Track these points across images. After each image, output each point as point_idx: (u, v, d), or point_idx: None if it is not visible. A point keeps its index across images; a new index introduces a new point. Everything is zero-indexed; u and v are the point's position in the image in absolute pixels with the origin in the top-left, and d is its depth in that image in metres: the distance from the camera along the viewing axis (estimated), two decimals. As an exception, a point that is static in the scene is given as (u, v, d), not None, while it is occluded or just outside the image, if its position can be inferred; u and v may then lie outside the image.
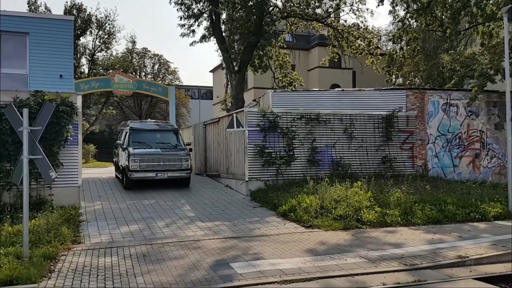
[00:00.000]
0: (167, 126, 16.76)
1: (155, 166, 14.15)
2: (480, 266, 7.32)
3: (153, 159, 14.17)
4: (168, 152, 14.61)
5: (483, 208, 11.31)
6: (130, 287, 6.07)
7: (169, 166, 14.28)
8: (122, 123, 19.07)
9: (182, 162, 14.49)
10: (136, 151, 14.13)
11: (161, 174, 14.15)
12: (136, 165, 13.91)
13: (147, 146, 14.66)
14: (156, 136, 15.53)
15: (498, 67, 15.89)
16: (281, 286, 6.18)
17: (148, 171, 14.06)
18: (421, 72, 24.72)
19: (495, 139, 17.30)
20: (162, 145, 15.05)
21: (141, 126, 15.90)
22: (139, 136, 15.06)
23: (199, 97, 68.10)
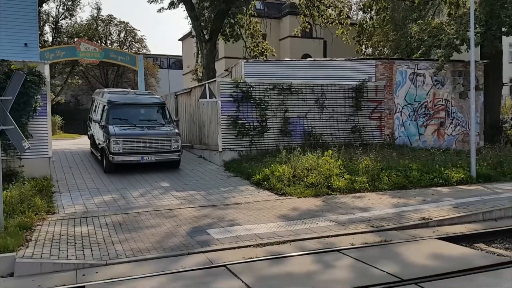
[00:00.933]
0: (152, 99, 14.26)
1: (141, 148, 12.26)
2: (442, 227, 7.80)
3: (138, 140, 12.25)
4: (155, 132, 12.71)
5: (446, 173, 11.87)
6: (109, 254, 6.19)
7: (157, 147, 12.44)
8: (97, 91, 16.62)
9: (172, 143, 12.62)
10: (118, 131, 12.20)
11: (148, 157, 12.30)
12: (118, 147, 11.98)
13: (130, 125, 12.73)
14: (140, 111, 13.43)
15: (464, 37, 16.33)
16: (257, 249, 6.44)
17: (133, 154, 12.18)
18: (390, 42, 25.08)
19: (459, 108, 17.95)
20: (148, 122, 13.12)
21: (122, 99, 13.55)
22: (120, 112, 13.02)
23: (168, 67, 66.76)
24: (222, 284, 5.04)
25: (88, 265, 5.77)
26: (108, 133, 12.17)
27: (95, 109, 14.91)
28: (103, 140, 12.58)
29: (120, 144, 11.99)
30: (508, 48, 28.48)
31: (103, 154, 12.79)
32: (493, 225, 7.97)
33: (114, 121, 12.67)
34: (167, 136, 12.68)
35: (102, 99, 13.95)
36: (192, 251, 6.36)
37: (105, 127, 12.58)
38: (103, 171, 12.55)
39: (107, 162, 12.40)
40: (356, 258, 5.92)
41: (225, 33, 24.57)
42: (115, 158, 12.05)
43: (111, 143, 11.95)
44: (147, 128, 12.79)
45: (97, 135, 13.79)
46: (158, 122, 13.28)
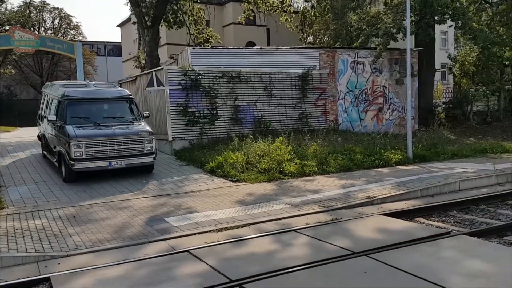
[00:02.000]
0: (117, 92, 12.00)
1: (108, 152, 10.21)
2: (385, 204, 8.44)
3: (104, 143, 10.17)
4: (124, 131, 10.67)
5: (386, 155, 12.69)
6: (68, 246, 6.16)
7: (127, 150, 10.44)
8: (47, 84, 14.21)
9: (145, 143, 10.63)
10: (79, 133, 10.08)
11: (116, 162, 10.26)
12: (80, 152, 9.88)
13: (93, 124, 10.64)
14: (103, 107, 11.32)
15: (400, 26, 17.31)
16: (217, 234, 6.68)
17: (98, 159, 10.14)
18: (330, 30, 25.91)
19: (395, 94, 19.05)
20: (114, 120, 11.06)
21: (81, 93, 11.34)
22: (80, 109, 10.90)
23: (105, 54, 64.39)
24: (188, 268, 5.23)
25: (49, 257, 5.73)
26: (67, 135, 10.00)
27: (46, 105, 12.59)
28: (61, 144, 10.47)
29: (82, 148, 9.88)
30: (439, 35, 30.35)
31: (60, 159, 10.62)
32: (430, 200, 8.74)
33: (73, 120, 10.51)
34: (139, 136, 10.65)
35: (56, 93, 11.67)
36: (153, 239, 6.47)
37: (62, 127, 10.41)
38: (62, 179, 10.47)
39: (66, 170, 10.22)
40: (311, 236, 6.32)
41: (168, 20, 24.21)
42: (77, 165, 9.91)
43: (71, 147, 9.80)
44: (114, 127, 10.68)
45: (50, 136, 11.68)
46: (126, 120, 11.22)
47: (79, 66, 27.21)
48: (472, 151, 14.19)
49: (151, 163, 11.13)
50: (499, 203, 8.50)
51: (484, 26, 20.16)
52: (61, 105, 10.94)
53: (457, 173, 10.81)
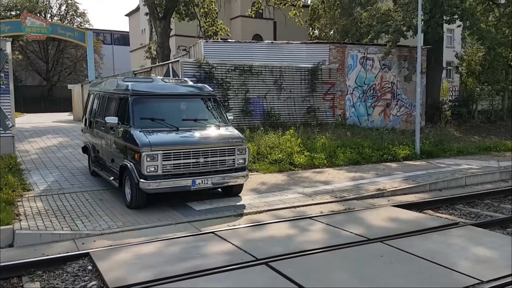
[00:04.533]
0: (196, 88, 9.10)
1: (191, 167, 7.58)
2: (395, 196, 8.84)
3: (187, 154, 7.52)
4: (212, 138, 7.98)
5: (394, 150, 13.07)
6: (100, 225, 6.57)
7: (215, 164, 7.82)
8: (97, 81, 11.58)
9: (236, 155, 8.02)
10: (154, 139, 7.43)
11: (202, 181, 7.62)
12: (155, 167, 7.27)
13: (169, 128, 7.88)
14: (180, 107, 8.64)
15: (410, 24, 17.59)
16: (237, 218, 7.09)
17: (179, 177, 7.50)
18: (337, 25, 26.16)
19: (403, 90, 19.38)
20: (195, 124, 8.28)
21: (152, 88, 8.55)
22: (151, 108, 8.16)
23: (112, 42, 64.59)
24: (215, 247, 5.64)
25: (85, 235, 6.14)
26: (135, 143, 7.39)
27: (98, 107, 9.78)
28: (124, 155, 7.89)
29: (158, 161, 7.26)
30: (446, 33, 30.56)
31: (123, 177, 7.85)
32: (438, 194, 9.13)
33: (142, 122, 7.80)
34: (230, 144, 7.97)
35: (115, 89, 8.92)
36: (179, 221, 6.88)
37: (127, 133, 7.75)
38: (126, 205, 7.70)
39: (133, 191, 7.44)
40: (326, 223, 6.72)
41: (179, 11, 24.50)
42: (151, 184, 7.23)
43: (142, 159, 7.17)
44: (197, 133, 7.95)
45: (106, 147, 8.93)
46: (210, 123, 8.48)
47: (90, 54, 27.56)
48: (476, 149, 14.56)
49: (241, 183, 8.34)
50: (502, 198, 8.89)
51: (491, 27, 20.43)
52: (124, 103, 8.16)
53: (463, 169, 11.19)
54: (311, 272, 4.82)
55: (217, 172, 7.85)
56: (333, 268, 5.01)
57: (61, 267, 5.17)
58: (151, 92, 8.40)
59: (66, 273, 5.02)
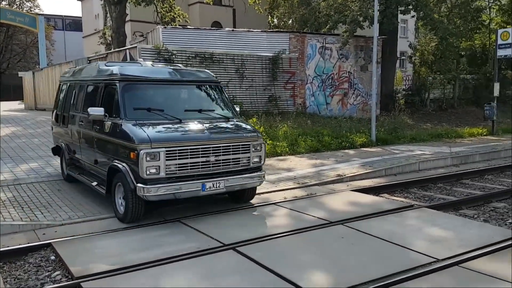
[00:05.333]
0: (198, 74, 7.67)
1: (200, 167, 6.23)
2: (354, 181, 9.15)
3: (196, 151, 6.16)
4: (224, 133, 6.74)
5: (352, 138, 13.46)
6: (60, 216, 6.42)
7: (228, 163, 6.49)
8: (70, 70, 9.30)
9: (251, 152, 6.72)
10: (154, 134, 6.06)
11: (213, 184, 6.29)
12: (156, 168, 5.89)
13: (171, 120, 6.52)
14: (180, 95, 7.34)
15: (366, 14, 18.02)
16: (203, 206, 7.14)
17: (186, 179, 6.13)
18: (295, 14, 26.35)
19: (360, 80, 19.90)
20: (200, 116, 6.89)
21: (145, 73, 7.14)
22: (146, 97, 6.83)
23: (63, 28, 62.15)
24: (182, 234, 5.68)
25: (45, 226, 5.99)
26: (130, 139, 5.99)
27: (74, 99, 8.17)
28: (114, 155, 6.41)
29: (160, 160, 5.86)
30: (400, 24, 31.51)
31: (114, 183, 6.39)
32: (394, 179, 9.53)
33: (136, 114, 6.40)
34: (245, 140, 6.68)
35: (96, 76, 7.44)
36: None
37: (118, 127, 6.29)
38: (117, 218, 6.33)
39: (130, 200, 5.99)
40: (290, 209, 6.89)
41: (135, -4, 23.85)
42: (153, 190, 5.82)
43: (141, 158, 5.75)
44: (205, 125, 6.58)
45: (87, 146, 7.36)
46: (218, 115, 7.13)
47: (41, 41, 26.51)
48: (429, 136, 15.25)
49: (258, 185, 7.03)
50: (454, 181, 9.40)
51: (444, 17, 21.29)
52: (111, 91, 6.71)
53: (416, 155, 11.71)
54: (278, 255, 4.96)
55: (229, 173, 6.49)
56: (298, 250, 5.17)
57: (23, 258, 5.05)
58: (144, 77, 6.94)
59: (29, 264, 4.91)
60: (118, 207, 6.37)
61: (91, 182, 7.13)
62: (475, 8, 22.90)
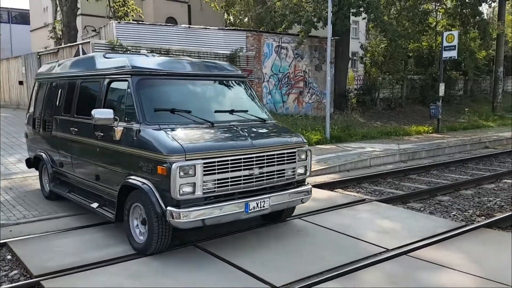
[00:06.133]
0: (219, 67, 6.34)
1: (241, 182, 5.03)
2: (310, 177, 9.36)
3: (237, 163, 4.97)
4: (265, 139, 5.55)
5: (307, 135, 13.82)
6: (14, 215, 6.25)
7: (272, 177, 5.33)
8: (51, 65, 7.79)
9: (296, 161, 5.58)
10: (186, 141, 4.82)
11: (257, 204, 5.13)
12: (193, 186, 4.66)
13: (201, 124, 5.30)
14: (206, 93, 6.04)
15: (320, 15, 18.49)
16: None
17: (227, 199, 4.96)
18: (251, 12, 26.62)
19: (315, 79, 20.40)
20: (233, 118, 5.70)
21: (161, 65, 5.83)
22: (167, 94, 5.58)
23: (9, 21, 59.15)
24: (141, 231, 5.70)
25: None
26: (156, 148, 4.76)
27: (59, 101, 6.83)
28: (130, 170, 5.10)
29: (197, 176, 4.68)
30: (352, 25, 32.52)
31: (130, 205, 5.13)
32: (347, 174, 9.95)
33: (157, 117, 5.17)
34: (290, 147, 5.54)
35: (95, 71, 6.16)
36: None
37: (136, 133, 5.01)
38: (134, 248, 5.08)
39: (155, 229, 4.79)
40: (249, 204, 7.05)
41: (87, -10, 23.22)
42: (188, 215, 4.62)
43: (174, 173, 4.54)
44: (244, 130, 5.42)
45: (84, 158, 6.10)
46: (253, 116, 5.89)
47: (-15, 33, 25.07)
48: (379, 133, 15.93)
49: (303, 202, 5.82)
50: (402, 176, 9.93)
51: (393, 19, 22.19)
52: (119, 89, 5.53)
53: (367, 151, 12.24)
54: (238, 250, 5.12)
55: (273, 188, 5.34)
56: (258, 244, 5.34)
57: (-23, 258, 4.91)
58: (163, 71, 5.60)
59: (-17, 265, 4.78)
60: (135, 236, 5.05)
61: (90, 204, 5.86)
62: (422, 11, 24.00)
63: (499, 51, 24.38)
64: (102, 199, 5.79)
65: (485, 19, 24.51)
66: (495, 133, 17.02)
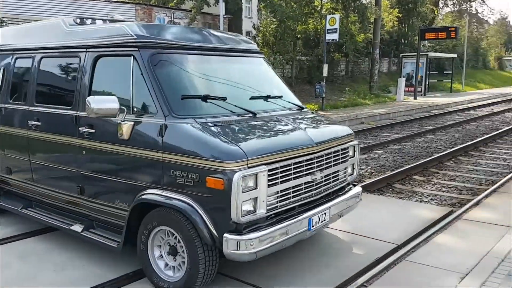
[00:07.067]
0: (237, 40, 4.83)
1: (303, 191, 3.83)
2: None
3: (299, 165, 3.74)
4: (320, 133, 4.25)
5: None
6: None
7: (329, 181, 4.19)
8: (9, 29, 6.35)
9: (347, 161, 4.49)
10: (244, 142, 3.50)
11: (319, 217, 3.97)
12: (254, 201, 3.36)
13: (241, 114, 3.95)
14: (230, 72, 4.58)
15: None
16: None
17: (289, 215, 3.74)
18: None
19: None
20: (269, 105, 4.38)
21: (176, 35, 4.24)
22: (189, 75, 4.12)
23: None
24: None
25: None
26: (202, 154, 3.37)
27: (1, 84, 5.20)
28: (151, 181, 3.70)
29: (259, 187, 3.38)
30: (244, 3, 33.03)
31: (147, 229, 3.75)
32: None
33: (184, 106, 3.75)
34: (343, 142, 4.44)
35: (67, 41, 4.49)
36: None
37: (160, 131, 3.60)
38: (154, 284, 3.80)
39: (202, 261, 3.49)
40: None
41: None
42: (251, 243, 3.35)
43: (235, 186, 3.22)
44: (293, 123, 4.22)
45: (51, 164, 4.60)
46: (288, 102, 4.65)
47: None
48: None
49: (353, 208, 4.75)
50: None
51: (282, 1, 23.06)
52: (118, 68, 4.02)
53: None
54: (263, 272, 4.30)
55: (329, 196, 4.29)
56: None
57: None
58: (180, 43, 4.10)
59: None
60: (158, 271, 3.79)
61: (68, 226, 4.41)
62: (308, -7, 25.25)
63: (376, 34, 26.71)
64: (87, 218, 4.35)
65: (363, 4, 26.61)
66: (370, 110, 18.85)
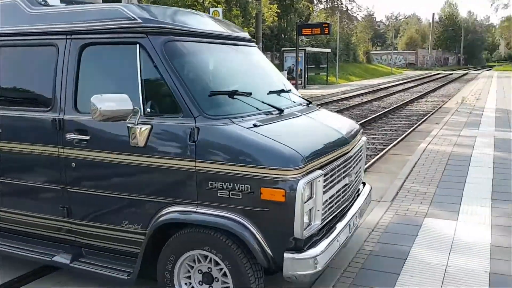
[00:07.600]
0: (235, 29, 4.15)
1: (342, 195, 3.35)
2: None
3: (344, 167, 3.34)
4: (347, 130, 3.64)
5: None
6: None
7: (357, 182, 3.86)
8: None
9: (362, 164, 4.02)
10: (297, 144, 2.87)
11: (353, 221, 3.52)
12: (310, 212, 2.83)
13: (269, 111, 3.28)
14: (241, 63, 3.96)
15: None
16: None
17: (334, 224, 3.26)
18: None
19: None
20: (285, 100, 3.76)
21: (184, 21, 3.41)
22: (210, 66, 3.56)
23: None
24: None
25: None
26: (254, 161, 2.75)
27: None
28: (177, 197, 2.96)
29: (317, 195, 2.86)
30: (124, -6, 31.57)
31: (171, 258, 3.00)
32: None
33: (215, 104, 3.09)
34: (360, 137, 3.99)
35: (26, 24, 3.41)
36: None
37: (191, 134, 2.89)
38: None
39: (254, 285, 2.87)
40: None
41: None
42: (317, 260, 2.80)
43: (299, 198, 2.67)
44: (320, 120, 3.68)
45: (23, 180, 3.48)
46: (296, 97, 4.00)
47: None
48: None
49: None
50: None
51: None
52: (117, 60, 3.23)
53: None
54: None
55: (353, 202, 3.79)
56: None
57: None
58: (193, 29, 3.39)
59: None
60: None
61: (50, 257, 3.43)
62: (190, -15, 24.97)
63: (258, 29, 27.47)
64: (73, 246, 3.47)
65: (245, -1, 27.17)
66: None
